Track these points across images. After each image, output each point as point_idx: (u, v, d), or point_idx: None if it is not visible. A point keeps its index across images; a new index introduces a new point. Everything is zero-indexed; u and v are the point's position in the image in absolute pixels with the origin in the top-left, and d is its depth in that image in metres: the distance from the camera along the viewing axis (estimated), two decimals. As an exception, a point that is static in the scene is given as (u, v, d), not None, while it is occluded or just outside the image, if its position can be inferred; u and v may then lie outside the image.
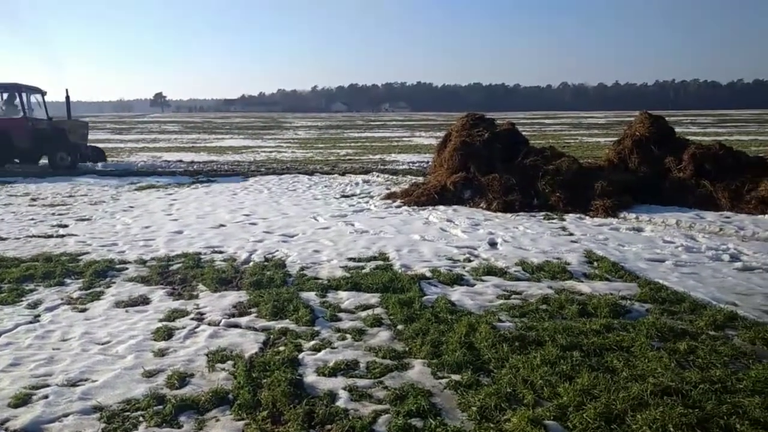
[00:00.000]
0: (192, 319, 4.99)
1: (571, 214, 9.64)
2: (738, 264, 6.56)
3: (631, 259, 6.78)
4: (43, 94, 19.08)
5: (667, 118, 12.42)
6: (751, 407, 3.31)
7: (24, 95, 18.31)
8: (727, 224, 8.62)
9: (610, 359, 3.98)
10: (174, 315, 5.06)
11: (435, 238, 8.01)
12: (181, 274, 6.31)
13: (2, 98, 18.90)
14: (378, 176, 15.45)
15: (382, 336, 4.54)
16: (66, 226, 9.11)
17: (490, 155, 11.36)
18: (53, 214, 10.27)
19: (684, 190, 10.19)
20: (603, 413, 3.23)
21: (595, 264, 6.58)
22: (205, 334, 4.60)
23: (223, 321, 4.89)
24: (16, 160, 18.75)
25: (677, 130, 12.60)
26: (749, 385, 3.58)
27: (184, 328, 4.76)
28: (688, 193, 10.11)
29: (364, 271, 6.38)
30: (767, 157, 11.97)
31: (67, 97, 18.83)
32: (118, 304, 5.36)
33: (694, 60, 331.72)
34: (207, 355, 4.20)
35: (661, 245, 7.51)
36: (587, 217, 9.46)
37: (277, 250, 7.32)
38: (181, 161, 20.51)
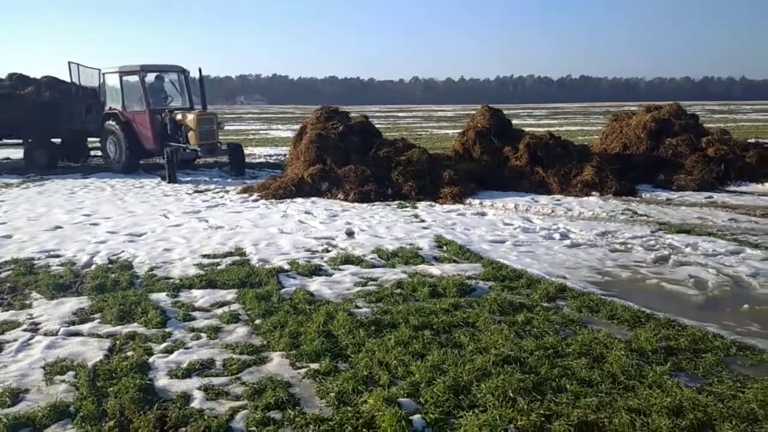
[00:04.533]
0: (25, 330, 4.55)
1: (422, 202, 10.09)
2: (567, 241, 7.29)
3: (476, 242, 7.28)
4: (184, 73, 14.79)
5: (506, 111, 13.44)
6: (578, 368, 3.73)
7: (148, 79, 14.21)
8: (558, 206, 9.54)
9: (457, 335, 4.26)
10: (3, 327, 4.59)
11: (293, 231, 7.99)
12: (11, 282, 5.71)
13: (120, 85, 14.40)
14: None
15: (239, 332, 4.47)
16: None
17: (346, 147, 11.54)
18: None
19: (521, 177, 11.12)
20: (451, 386, 3.46)
21: (445, 248, 6.97)
22: (41, 345, 4.22)
23: (62, 330, 4.51)
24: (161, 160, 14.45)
25: (516, 122, 13.69)
26: (577, 349, 4.02)
27: (15, 340, 4.33)
28: (525, 179, 11.05)
29: (219, 267, 6.20)
30: (591, 145, 13.43)
31: (201, 78, 14.13)
32: (-69, 321, 4.73)
33: (530, 58, 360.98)
34: (44, 367, 3.87)
35: (501, 227, 8.14)
36: (437, 204, 9.97)
37: (123, 251, 6.87)
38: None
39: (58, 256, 6.72)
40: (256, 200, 10.54)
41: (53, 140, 16.39)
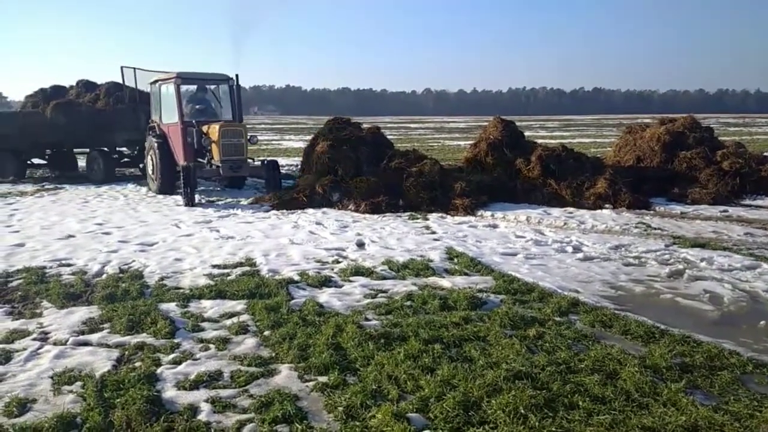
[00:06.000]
0: (34, 339, 4.55)
1: (434, 214, 10.05)
2: (579, 255, 7.20)
3: (487, 254, 7.21)
4: (229, 83, 12.87)
5: (519, 123, 13.38)
6: (591, 385, 3.65)
7: (190, 89, 12.82)
8: (570, 219, 9.46)
9: (468, 349, 4.20)
10: (13, 336, 4.58)
11: (304, 242, 7.97)
12: (22, 291, 5.74)
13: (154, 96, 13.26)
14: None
15: (247, 343, 4.44)
16: None
17: (357, 158, 11.56)
18: None
19: (533, 189, 11.05)
20: (461, 401, 3.40)
21: (456, 260, 6.92)
22: (50, 355, 4.22)
23: (71, 339, 4.51)
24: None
25: (528, 133, 13.63)
26: (589, 365, 3.94)
27: (25, 349, 4.33)
28: (537, 191, 10.98)
29: (229, 278, 6.19)
30: (604, 158, 13.34)
31: (238, 86, 12.33)
32: (-57, 329, 4.75)
33: (542, 70, 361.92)
34: (52, 377, 3.86)
35: (513, 240, 8.07)
36: (448, 216, 9.92)
37: (134, 261, 6.89)
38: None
39: (69, 265, 6.74)
40: (267, 210, 10.56)
41: (120, 149, 15.91)
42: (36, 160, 16.86)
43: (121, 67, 14.13)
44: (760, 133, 39.36)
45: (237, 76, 12.27)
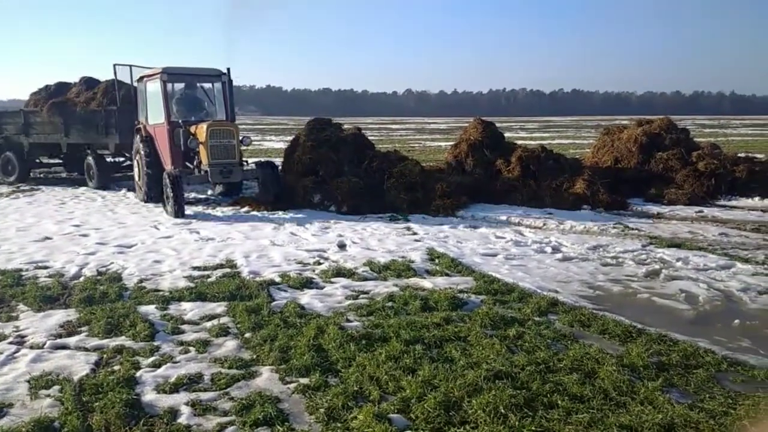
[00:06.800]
0: (11, 342, 4.48)
1: (415, 215, 10.08)
2: (558, 255, 7.28)
3: (468, 255, 7.26)
4: (221, 79, 11.59)
5: (499, 124, 13.47)
6: (570, 384, 3.70)
7: (178, 86, 11.64)
8: (550, 219, 9.55)
9: (449, 350, 4.23)
10: (-12, 340, 4.51)
11: (285, 243, 7.95)
12: (-3, 294, 5.64)
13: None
14: None
15: (228, 346, 4.41)
16: None
17: (339, 159, 11.53)
18: None
19: (513, 190, 11.14)
20: (442, 402, 3.42)
21: (437, 261, 6.95)
22: (27, 359, 4.16)
23: (49, 343, 4.45)
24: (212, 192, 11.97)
25: (509, 135, 13.73)
26: (568, 364, 3.99)
27: (1, 353, 4.26)
28: (517, 192, 11.07)
29: (209, 279, 6.15)
30: (582, 159, 13.50)
31: (230, 82, 11.54)
32: None
33: (522, 71, 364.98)
34: (29, 381, 3.81)
35: (493, 240, 8.13)
36: (430, 217, 9.95)
37: (112, 263, 6.81)
38: None
39: (46, 267, 6.65)
40: (248, 212, 10.50)
41: (118, 152, 14.38)
42: (50, 161, 16.24)
43: (114, 65, 12.47)
44: (734, 135, 40.10)
45: (228, 70, 11.41)
